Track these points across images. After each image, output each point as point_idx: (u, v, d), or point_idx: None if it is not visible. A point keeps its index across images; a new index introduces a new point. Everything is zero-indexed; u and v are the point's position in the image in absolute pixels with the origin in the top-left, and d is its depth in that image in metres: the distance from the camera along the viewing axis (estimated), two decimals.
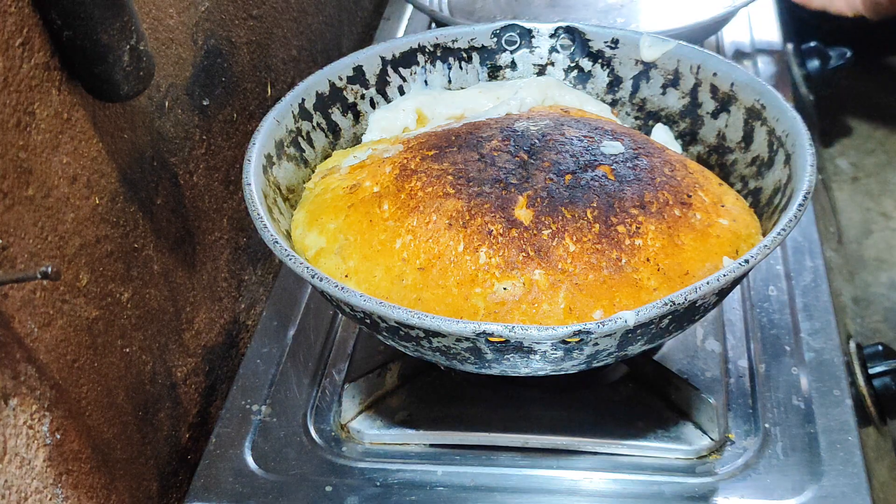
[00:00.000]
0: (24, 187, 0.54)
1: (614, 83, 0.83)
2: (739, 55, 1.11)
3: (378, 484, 0.67)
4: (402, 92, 0.83)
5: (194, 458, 0.77)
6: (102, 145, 0.62)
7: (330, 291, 0.58)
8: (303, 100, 0.76)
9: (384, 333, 0.62)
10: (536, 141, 0.68)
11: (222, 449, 0.71)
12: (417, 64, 0.83)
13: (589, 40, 0.83)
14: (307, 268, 0.59)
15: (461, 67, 0.84)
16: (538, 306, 0.60)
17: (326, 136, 0.78)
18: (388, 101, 0.82)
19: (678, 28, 0.98)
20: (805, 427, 0.68)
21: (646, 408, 0.70)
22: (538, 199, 0.63)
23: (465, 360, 0.61)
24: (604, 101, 0.83)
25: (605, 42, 0.82)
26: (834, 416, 0.68)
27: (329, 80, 0.79)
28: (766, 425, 0.68)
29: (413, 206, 0.64)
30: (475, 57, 0.84)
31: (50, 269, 0.48)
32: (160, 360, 0.71)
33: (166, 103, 0.71)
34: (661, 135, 0.80)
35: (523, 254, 0.61)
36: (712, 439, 0.67)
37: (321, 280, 0.58)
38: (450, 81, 0.84)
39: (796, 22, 1.25)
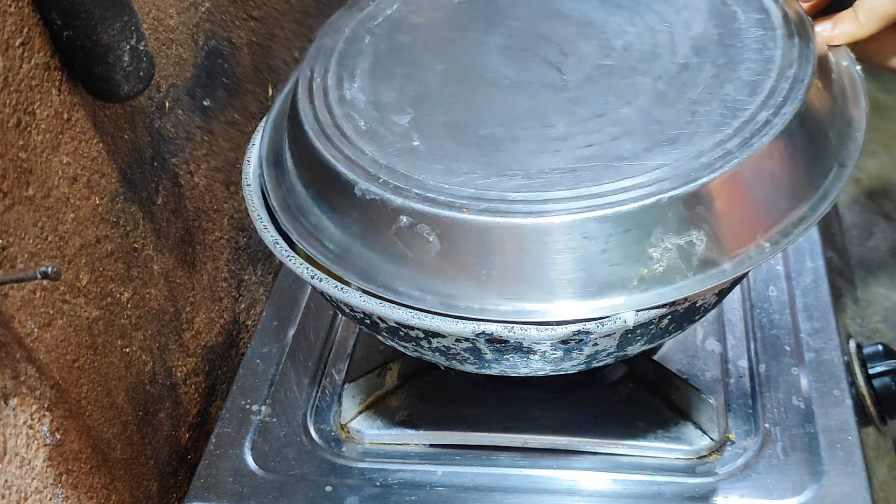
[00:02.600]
0: (24, 187, 0.54)
1: None
2: None
3: (378, 484, 0.67)
4: None
5: (194, 458, 0.77)
6: (102, 145, 0.62)
7: (330, 292, 0.58)
8: None
9: (384, 334, 0.62)
10: None
11: (222, 449, 0.71)
12: None
13: None
14: (307, 268, 0.59)
15: None
16: None
17: None
18: None
19: None
20: (805, 427, 0.68)
21: (646, 408, 0.70)
22: None
23: (464, 361, 0.61)
24: None
25: None
26: (834, 416, 0.68)
27: None
28: (766, 425, 0.68)
29: None
30: None
31: (50, 269, 0.48)
32: (160, 360, 0.71)
33: (167, 103, 0.71)
34: None
35: None
36: (712, 439, 0.67)
37: (321, 281, 0.58)
38: None
39: None
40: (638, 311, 0.54)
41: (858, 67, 0.64)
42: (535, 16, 0.67)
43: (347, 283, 0.58)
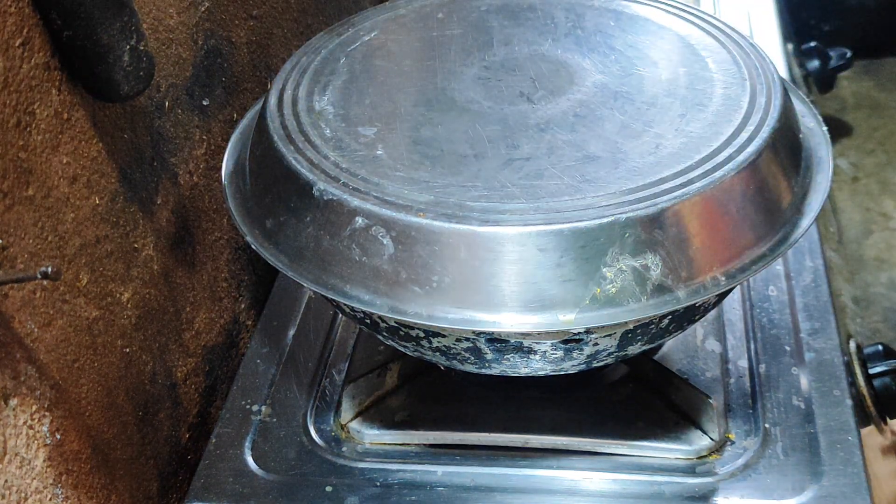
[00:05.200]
0: (24, 187, 0.54)
1: None
2: None
3: (378, 484, 0.67)
4: None
5: (194, 458, 0.77)
6: (102, 145, 0.62)
7: (328, 293, 0.58)
8: None
9: (384, 333, 0.62)
10: None
11: (222, 449, 0.71)
12: None
13: None
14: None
15: None
16: None
17: None
18: None
19: None
20: (805, 427, 0.68)
21: (646, 408, 0.70)
22: None
23: (465, 360, 0.61)
24: None
25: None
26: (834, 416, 0.68)
27: None
28: (766, 425, 0.68)
29: None
30: None
31: (50, 269, 0.48)
32: (160, 360, 0.71)
33: (166, 103, 0.71)
34: None
35: None
36: (712, 439, 0.67)
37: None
38: None
39: (796, 22, 1.25)
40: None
41: (825, 128, 0.65)
42: (513, 53, 0.69)
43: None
